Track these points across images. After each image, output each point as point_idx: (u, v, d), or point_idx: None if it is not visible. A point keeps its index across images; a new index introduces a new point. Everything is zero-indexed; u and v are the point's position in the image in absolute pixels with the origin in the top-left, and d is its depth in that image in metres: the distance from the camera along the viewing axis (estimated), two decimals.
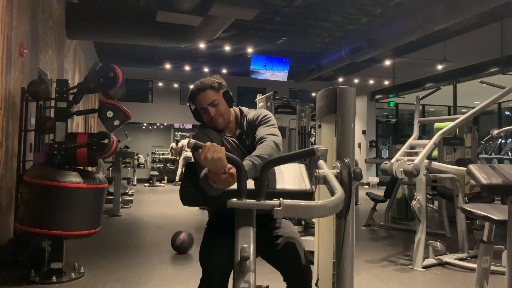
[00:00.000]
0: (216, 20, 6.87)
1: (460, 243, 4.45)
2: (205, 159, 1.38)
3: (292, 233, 1.83)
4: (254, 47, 11.13)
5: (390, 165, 4.04)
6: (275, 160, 1.49)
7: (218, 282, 1.64)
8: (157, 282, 3.46)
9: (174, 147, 14.28)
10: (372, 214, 6.34)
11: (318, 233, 2.13)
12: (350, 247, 1.78)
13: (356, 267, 2.34)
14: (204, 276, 1.67)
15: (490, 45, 9.09)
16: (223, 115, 1.85)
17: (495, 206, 2.63)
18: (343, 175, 1.53)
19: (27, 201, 3.29)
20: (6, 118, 3.91)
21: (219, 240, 1.73)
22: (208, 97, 1.83)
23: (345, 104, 1.85)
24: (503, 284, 2.29)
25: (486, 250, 2.46)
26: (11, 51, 3.98)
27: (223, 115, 1.85)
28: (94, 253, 4.35)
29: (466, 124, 7.17)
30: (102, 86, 3.57)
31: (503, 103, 12.91)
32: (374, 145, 14.48)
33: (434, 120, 6.55)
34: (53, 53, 6.17)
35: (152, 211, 7.61)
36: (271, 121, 1.84)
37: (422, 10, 6.95)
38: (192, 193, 1.68)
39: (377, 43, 8.49)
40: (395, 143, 7.53)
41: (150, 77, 14.11)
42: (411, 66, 11.36)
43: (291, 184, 1.69)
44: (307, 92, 15.21)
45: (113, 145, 3.49)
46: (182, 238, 4.40)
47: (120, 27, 7.68)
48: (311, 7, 8.28)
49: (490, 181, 1.92)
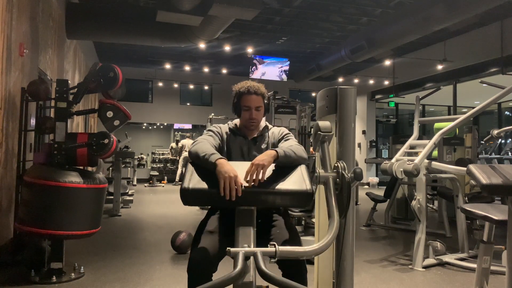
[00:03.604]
0: (216, 20, 6.87)
1: (460, 243, 4.45)
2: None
3: (288, 227, 1.94)
4: (254, 47, 11.12)
5: (390, 165, 4.04)
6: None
7: (201, 272, 1.75)
8: (157, 282, 3.46)
9: (174, 147, 14.27)
10: (372, 214, 6.34)
11: (318, 233, 2.13)
12: (350, 247, 1.78)
13: (356, 267, 2.34)
14: (188, 266, 1.79)
15: (490, 45, 9.09)
16: (259, 121, 2.14)
17: (495, 206, 2.63)
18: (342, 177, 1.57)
19: (27, 201, 3.29)
20: (6, 118, 3.91)
21: (209, 234, 1.87)
22: (258, 102, 2.10)
23: (345, 104, 1.86)
24: (503, 284, 2.29)
25: (486, 250, 2.46)
26: (11, 51, 3.98)
27: (259, 121, 2.14)
28: (94, 253, 4.35)
29: (466, 124, 7.17)
30: (102, 86, 3.57)
31: (503, 103, 12.91)
32: (374, 145, 14.47)
33: (434, 120, 6.55)
34: (53, 53, 6.17)
35: (152, 211, 7.61)
36: (293, 138, 2.12)
37: (422, 10, 6.94)
38: (193, 193, 1.68)
39: (377, 43, 8.49)
40: (395, 143, 7.53)
41: (150, 77, 14.10)
42: (411, 66, 11.36)
43: (291, 185, 1.69)
44: (307, 92, 15.22)
45: (113, 145, 3.49)
46: (182, 238, 4.40)
47: (120, 27, 7.68)
48: (311, 7, 8.27)
49: (490, 181, 1.92)
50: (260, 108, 2.11)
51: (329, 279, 1.85)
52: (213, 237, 1.84)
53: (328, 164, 1.66)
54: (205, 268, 1.75)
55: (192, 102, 15.46)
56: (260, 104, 2.10)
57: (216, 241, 1.81)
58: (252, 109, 2.08)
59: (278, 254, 1.42)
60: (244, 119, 2.13)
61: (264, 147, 2.09)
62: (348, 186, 1.55)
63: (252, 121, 2.10)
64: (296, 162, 1.82)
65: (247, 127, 2.13)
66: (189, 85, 14.88)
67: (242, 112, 2.12)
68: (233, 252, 1.43)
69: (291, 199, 1.69)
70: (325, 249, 1.48)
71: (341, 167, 1.60)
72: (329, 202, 1.57)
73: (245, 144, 2.09)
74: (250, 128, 2.12)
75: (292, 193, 1.67)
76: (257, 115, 2.10)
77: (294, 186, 1.69)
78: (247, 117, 2.10)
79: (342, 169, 1.59)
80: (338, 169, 1.61)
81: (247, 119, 2.10)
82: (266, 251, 1.44)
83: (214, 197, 1.68)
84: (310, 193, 1.66)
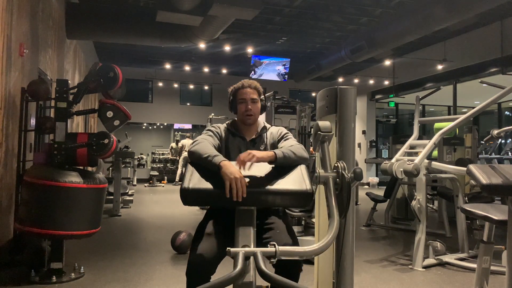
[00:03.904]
0: (216, 20, 6.87)
1: (460, 243, 4.45)
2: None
3: (285, 227, 1.94)
4: (254, 47, 11.12)
5: (390, 165, 4.04)
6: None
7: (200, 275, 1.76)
8: (157, 282, 3.46)
9: (174, 147, 14.27)
10: (372, 214, 6.34)
11: (318, 233, 2.13)
12: (350, 247, 1.78)
13: (356, 267, 2.34)
14: (187, 269, 1.80)
15: (490, 45, 9.09)
16: (255, 115, 2.12)
17: (495, 206, 2.63)
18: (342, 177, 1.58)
19: (27, 201, 3.29)
20: (6, 118, 3.90)
21: (210, 237, 1.86)
22: (253, 94, 2.12)
23: (345, 104, 1.86)
24: (503, 284, 2.29)
25: (486, 250, 2.46)
26: (11, 51, 3.98)
27: (255, 114, 2.12)
28: (94, 253, 4.35)
29: (466, 124, 7.17)
30: (102, 86, 3.57)
31: (503, 103, 12.91)
32: (374, 145, 14.47)
33: (434, 120, 6.55)
34: (53, 53, 6.17)
35: (152, 211, 7.61)
36: (292, 138, 2.11)
37: (422, 10, 6.94)
38: (193, 193, 1.68)
39: (377, 43, 8.49)
40: (395, 143, 7.52)
41: (150, 77, 14.11)
42: (411, 66, 11.36)
43: (291, 185, 1.69)
44: (307, 92, 15.21)
45: (113, 145, 3.48)
46: (182, 238, 4.40)
47: (120, 27, 7.68)
48: (311, 7, 8.27)
49: (490, 181, 1.92)
50: (256, 101, 2.11)
51: (329, 279, 1.85)
52: (212, 239, 1.84)
53: (328, 164, 1.66)
54: (204, 271, 1.75)
55: (192, 102, 15.46)
56: (255, 96, 2.11)
57: (214, 243, 1.81)
58: (248, 101, 2.09)
59: (278, 254, 1.42)
60: (240, 113, 2.12)
61: (263, 149, 2.08)
62: (348, 186, 1.55)
63: (248, 113, 2.09)
64: (296, 162, 1.82)
65: (244, 121, 2.12)
66: (189, 85, 14.88)
67: (238, 106, 2.12)
68: (233, 252, 1.43)
69: (291, 199, 1.69)
70: (325, 249, 1.48)
71: (341, 167, 1.60)
72: (329, 202, 1.57)
73: (244, 146, 2.08)
74: (247, 122, 2.11)
75: (292, 193, 1.67)
76: (253, 107, 2.09)
77: (294, 186, 1.69)
78: (243, 109, 2.10)
79: (342, 169, 1.59)
80: (338, 169, 1.61)
81: (243, 112, 2.10)
82: (266, 251, 1.44)
83: (214, 197, 1.68)
84: (310, 193, 1.66)
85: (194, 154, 1.82)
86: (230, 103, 2.18)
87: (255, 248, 1.48)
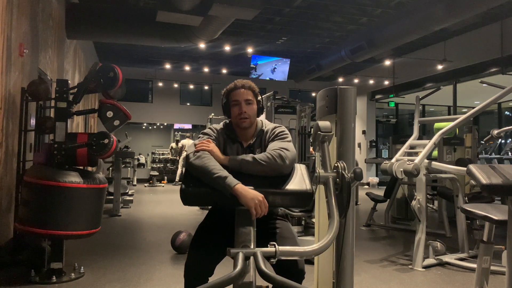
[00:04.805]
0: (216, 20, 6.87)
1: (460, 243, 4.45)
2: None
3: (289, 234, 1.91)
4: (254, 47, 11.12)
5: (390, 165, 4.04)
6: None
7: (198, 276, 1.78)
8: (157, 282, 3.46)
9: (174, 147, 14.27)
10: (372, 214, 6.34)
11: (318, 233, 2.13)
12: (350, 247, 1.78)
13: (356, 267, 2.34)
14: (185, 271, 1.82)
15: (490, 45, 9.09)
16: (250, 117, 1.94)
17: (495, 206, 2.63)
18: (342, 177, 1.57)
19: (27, 201, 3.28)
20: (6, 118, 3.91)
21: (209, 239, 1.86)
22: (247, 95, 1.94)
23: (345, 104, 1.86)
24: (503, 284, 2.29)
25: (486, 250, 2.46)
26: (11, 51, 3.98)
27: (250, 116, 1.94)
28: (94, 253, 4.35)
29: (466, 124, 7.17)
30: (102, 86, 3.57)
31: (503, 103, 12.90)
32: (374, 145, 14.48)
33: (434, 120, 6.55)
34: (53, 53, 6.17)
35: (152, 211, 7.61)
36: (287, 137, 1.92)
37: (422, 10, 6.94)
38: (193, 193, 1.68)
39: (377, 43, 8.49)
40: (395, 143, 7.52)
41: (150, 77, 14.11)
42: (411, 66, 11.36)
43: (291, 185, 1.69)
44: (307, 92, 15.22)
45: (113, 145, 3.48)
46: (182, 238, 4.40)
47: (120, 27, 7.67)
48: (311, 7, 8.27)
49: (490, 181, 1.92)
50: (251, 102, 1.94)
51: (329, 279, 1.85)
52: (210, 241, 1.83)
53: (328, 164, 1.66)
54: (201, 273, 1.76)
55: (192, 102, 15.46)
56: (250, 97, 1.94)
57: (212, 245, 1.80)
58: (242, 102, 1.92)
59: (278, 254, 1.42)
60: (234, 116, 1.95)
61: (259, 152, 1.93)
62: (348, 186, 1.55)
63: (242, 115, 1.91)
64: (263, 172, 1.73)
65: (238, 124, 1.94)
66: (189, 85, 14.88)
67: (231, 109, 1.95)
68: (233, 252, 1.44)
69: (291, 199, 1.70)
70: (325, 249, 1.48)
71: (341, 167, 1.60)
72: (329, 202, 1.57)
73: (241, 153, 1.94)
74: (242, 125, 1.93)
75: (292, 193, 1.67)
76: (247, 109, 1.92)
77: (294, 186, 1.69)
78: (236, 112, 1.93)
79: (342, 169, 1.59)
80: (338, 169, 1.61)
81: (237, 115, 1.93)
82: (266, 251, 1.44)
83: (214, 197, 1.68)
84: (310, 193, 1.66)
85: (198, 170, 1.71)
86: (223, 107, 2.01)
87: (255, 248, 1.48)
